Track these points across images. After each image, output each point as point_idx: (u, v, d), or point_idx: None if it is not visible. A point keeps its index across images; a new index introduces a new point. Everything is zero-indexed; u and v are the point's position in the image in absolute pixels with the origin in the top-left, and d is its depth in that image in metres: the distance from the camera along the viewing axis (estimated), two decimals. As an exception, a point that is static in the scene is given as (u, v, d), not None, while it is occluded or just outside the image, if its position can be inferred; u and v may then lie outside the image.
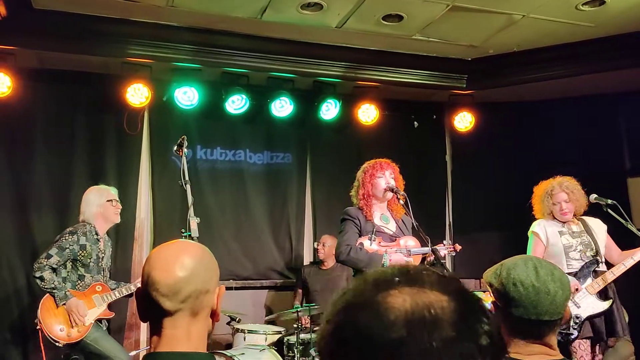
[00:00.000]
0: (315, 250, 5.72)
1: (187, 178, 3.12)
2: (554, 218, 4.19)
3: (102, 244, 4.29)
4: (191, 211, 2.95)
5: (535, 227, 4.22)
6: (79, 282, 4.15)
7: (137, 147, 5.55)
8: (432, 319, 0.71)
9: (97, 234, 4.23)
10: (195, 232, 2.85)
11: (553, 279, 1.64)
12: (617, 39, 5.13)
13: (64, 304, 4.00)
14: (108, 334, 4.24)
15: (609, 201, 4.01)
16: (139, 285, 4.16)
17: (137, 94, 5.25)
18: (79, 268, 4.13)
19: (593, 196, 4.08)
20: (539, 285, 1.62)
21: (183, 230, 2.94)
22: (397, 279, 0.77)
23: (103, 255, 4.29)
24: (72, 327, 4.01)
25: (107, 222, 4.32)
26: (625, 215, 3.91)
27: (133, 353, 5.04)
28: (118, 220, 4.39)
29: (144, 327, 5.51)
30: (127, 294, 4.30)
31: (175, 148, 3.30)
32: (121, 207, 4.41)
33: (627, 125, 6.21)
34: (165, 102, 5.48)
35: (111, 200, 4.30)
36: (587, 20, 4.79)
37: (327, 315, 0.78)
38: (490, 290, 1.72)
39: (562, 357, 1.64)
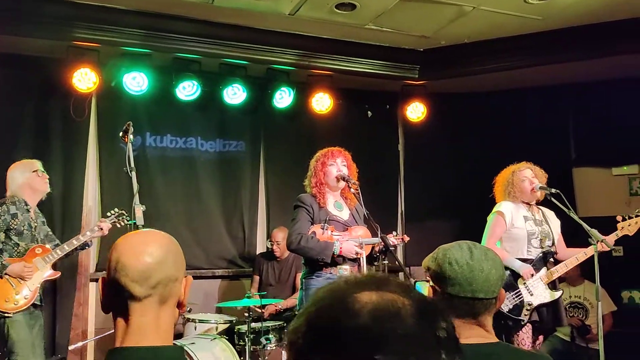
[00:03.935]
0: (271, 250, 5.67)
1: (132, 165, 3.05)
2: (520, 201, 4.23)
3: (33, 214, 4.18)
4: (136, 199, 2.88)
5: (501, 206, 4.21)
6: (15, 249, 4.04)
7: (84, 134, 5.40)
8: (395, 311, 0.78)
9: (26, 204, 4.13)
10: (140, 220, 2.78)
11: (487, 258, 1.70)
12: (564, 32, 5.26)
13: (6, 274, 3.90)
14: (31, 328, 4.02)
15: (553, 190, 4.10)
16: (82, 238, 4.12)
17: (84, 79, 5.09)
18: (12, 237, 4.02)
19: (538, 185, 4.18)
20: (473, 263, 1.68)
21: (128, 218, 2.88)
22: (366, 282, 0.85)
23: (35, 224, 4.18)
24: (18, 293, 3.91)
25: (35, 192, 4.21)
26: (567, 204, 4.01)
27: (80, 344, 4.95)
28: (48, 189, 4.28)
29: (92, 318, 5.40)
30: (69, 250, 4.17)
31: (120, 134, 3.22)
32: (48, 177, 4.29)
33: (574, 116, 6.40)
34: (113, 87, 5.34)
35: (36, 170, 4.20)
36: (535, 13, 4.89)
37: (301, 311, 0.86)
38: (428, 274, 1.75)
39: (497, 340, 1.68)
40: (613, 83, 5.95)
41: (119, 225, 4.38)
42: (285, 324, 4.76)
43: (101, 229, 4.27)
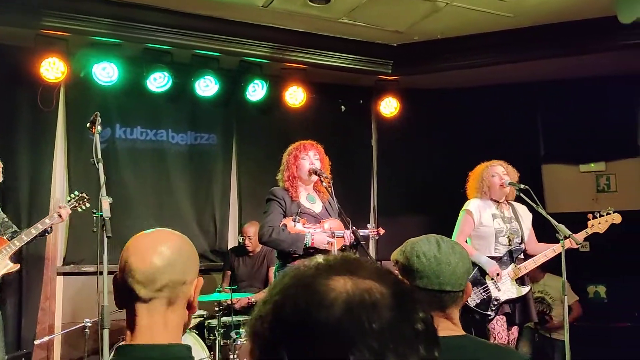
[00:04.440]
0: (243, 245, 5.64)
1: (99, 156, 2.99)
2: (489, 198, 4.30)
3: None
4: (103, 190, 2.83)
5: (470, 205, 4.30)
6: None
7: (51, 125, 5.28)
8: (372, 302, 0.72)
9: None
10: (107, 212, 2.73)
11: (454, 251, 1.72)
12: (534, 30, 5.31)
13: None
14: None
15: (522, 186, 4.17)
16: (41, 227, 4.07)
17: (52, 69, 4.98)
18: None
19: (507, 181, 4.24)
20: (440, 257, 1.70)
21: (94, 211, 2.83)
22: (339, 266, 0.78)
23: None
24: None
25: None
26: (536, 199, 4.07)
27: (46, 338, 4.86)
28: (0, 178, 4.16)
29: (59, 312, 5.31)
30: (27, 240, 4.07)
31: (87, 125, 3.16)
32: (2, 166, 4.17)
33: (543, 113, 6.51)
34: (82, 77, 5.23)
35: None
36: (507, 10, 4.94)
37: (265, 297, 0.78)
38: (396, 267, 1.76)
39: (464, 332, 1.70)
40: (582, 81, 6.06)
41: (79, 210, 4.27)
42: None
43: (60, 215, 4.15)
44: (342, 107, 6.49)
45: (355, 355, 0.67)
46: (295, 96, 5.91)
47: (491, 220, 4.24)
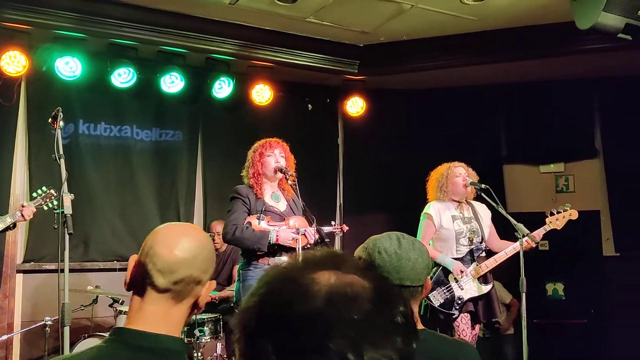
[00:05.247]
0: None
1: (61, 152, 2.95)
2: (450, 200, 4.37)
3: None
4: (65, 187, 2.79)
5: (429, 208, 4.38)
6: None
7: (12, 120, 5.17)
8: (353, 294, 0.75)
9: None
10: (68, 209, 2.70)
11: (414, 248, 1.77)
12: (497, 34, 5.42)
13: None
14: None
15: (483, 185, 4.27)
16: (1, 225, 3.83)
17: (13, 62, 4.89)
18: None
19: (469, 181, 4.33)
20: (400, 252, 1.75)
21: (56, 207, 2.79)
22: (324, 261, 0.81)
23: None
24: None
25: None
26: (496, 199, 4.17)
27: (4, 337, 4.77)
28: None
29: (18, 311, 5.21)
30: None
31: (49, 120, 3.11)
32: None
33: (505, 115, 6.66)
34: (45, 72, 5.13)
35: None
36: (470, 13, 5.03)
37: (253, 290, 0.80)
38: None
39: (422, 327, 1.74)
40: (542, 84, 6.22)
41: (45, 208, 4.05)
42: (220, 316, 4.74)
43: (22, 215, 3.90)
44: (309, 105, 6.51)
45: (334, 343, 0.70)
46: (262, 94, 5.91)
47: (451, 223, 4.33)
